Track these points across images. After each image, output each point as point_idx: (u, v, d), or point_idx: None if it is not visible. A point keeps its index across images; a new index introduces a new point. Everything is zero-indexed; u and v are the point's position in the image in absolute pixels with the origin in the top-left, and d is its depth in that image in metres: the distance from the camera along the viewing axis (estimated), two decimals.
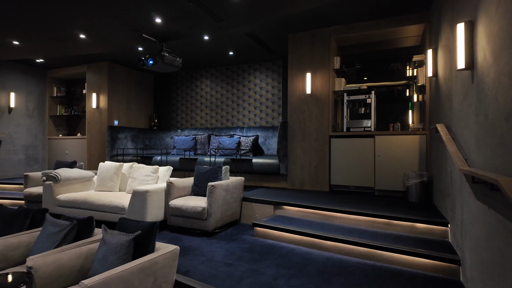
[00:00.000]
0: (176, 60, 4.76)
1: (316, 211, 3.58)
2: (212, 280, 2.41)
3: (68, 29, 4.47)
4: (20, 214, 3.02)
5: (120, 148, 6.54)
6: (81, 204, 4.04)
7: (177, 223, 3.77)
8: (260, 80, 6.58)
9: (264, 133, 6.09)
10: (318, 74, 4.74)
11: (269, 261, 2.80)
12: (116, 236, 2.33)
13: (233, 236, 3.55)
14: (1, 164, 6.59)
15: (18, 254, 2.67)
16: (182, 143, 6.50)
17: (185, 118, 7.54)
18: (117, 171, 4.55)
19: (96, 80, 6.74)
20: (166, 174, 4.40)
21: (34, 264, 2.13)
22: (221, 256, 2.93)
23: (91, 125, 6.78)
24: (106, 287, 1.88)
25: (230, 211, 3.88)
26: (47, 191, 4.32)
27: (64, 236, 2.61)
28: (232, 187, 3.91)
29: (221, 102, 7.05)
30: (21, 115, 6.94)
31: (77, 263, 2.35)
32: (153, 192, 3.74)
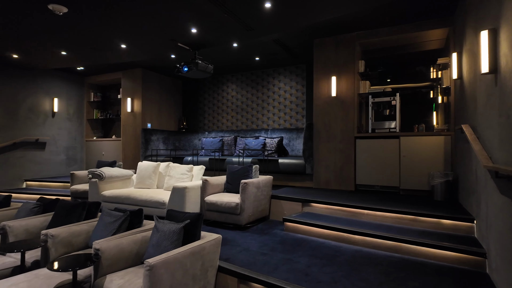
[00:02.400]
0: (208, 67, 5.09)
1: (343, 208, 3.77)
2: (251, 267, 2.66)
3: (110, 40, 4.91)
4: (78, 207, 3.41)
5: (153, 149, 6.98)
6: (125, 199, 4.42)
7: (212, 218, 4.07)
8: (284, 84, 6.83)
9: (288, 135, 6.32)
10: (343, 77, 4.93)
11: (301, 252, 3.03)
12: (167, 225, 2.64)
13: (264, 230, 3.81)
14: (45, 164, 7.19)
15: (80, 240, 3.04)
16: (209, 144, 6.84)
17: (212, 121, 7.89)
18: (155, 170, 4.92)
19: (130, 85, 7.22)
20: (199, 173, 4.72)
21: (101, 246, 2.46)
22: (256, 247, 3.19)
23: (126, 127, 7.26)
24: (166, 266, 2.18)
25: (260, 207, 4.13)
26: (93, 188, 4.74)
27: (119, 225, 2.96)
28: (262, 184, 4.16)
29: (246, 105, 7.35)
30: (62, 119, 7.53)
31: (134, 248, 2.67)
32: (190, 189, 4.07)
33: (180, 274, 2.29)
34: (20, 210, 3.72)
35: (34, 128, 6.95)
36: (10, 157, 6.57)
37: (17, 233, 3.23)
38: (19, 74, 6.68)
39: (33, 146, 6.95)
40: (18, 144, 6.68)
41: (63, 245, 2.89)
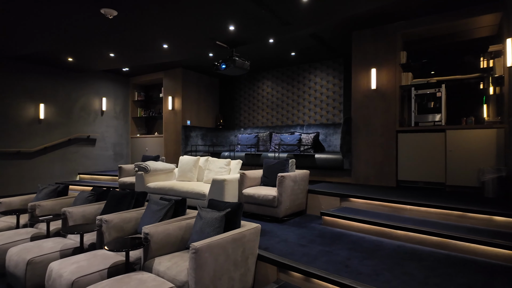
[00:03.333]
0: (245, 64, 5.20)
1: (384, 203, 3.67)
2: (290, 257, 2.70)
3: (153, 40, 5.19)
4: (127, 196, 3.67)
5: (192, 144, 7.27)
6: (168, 191, 4.67)
7: (250, 210, 4.17)
8: (321, 79, 6.75)
9: (325, 130, 6.25)
10: (383, 70, 4.77)
11: (340, 245, 3.01)
12: (209, 213, 2.77)
13: (302, 224, 3.82)
14: (96, 159, 7.79)
15: (130, 226, 3.28)
16: (245, 140, 6.97)
17: (248, 118, 8.02)
18: (195, 163, 5.13)
19: (171, 85, 7.58)
20: (237, 167, 4.84)
21: (150, 231, 2.65)
22: (294, 238, 3.22)
23: (167, 125, 7.63)
24: (210, 249, 2.29)
25: (297, 201, 4.15)
26: (139, 180, 5.06)
27: (165, 213, 3.14)
28: (299, 178, 4.18)
29: (282, 101, 7.37)
30: (110, 117, 8.10)
31: (179, 233, 2.84)
32: (229, 181, 4.20)
33: (223, 259, 2.40)
34: (77, 199, 4.10)
35: (85, 126, 7.56)
36: (66, 152, 7.21)
37: (75, 218, 3.57)
38: (73, 76, 7.30)
39: (85, 142, 7.56)
40: (73, 140, 7.31)
41: (116, 230, 3.14)
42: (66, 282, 2.38)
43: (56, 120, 7.01)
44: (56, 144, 6.98)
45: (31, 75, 6.61)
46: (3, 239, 3.32)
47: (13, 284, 2.91)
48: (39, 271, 2.83)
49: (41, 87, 6.77)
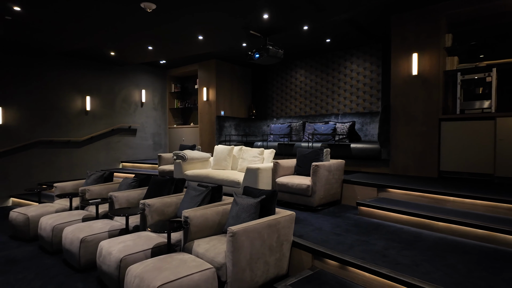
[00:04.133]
0: (279, 52, 5.16)
1: (425, 194, 3.52)
2: (325, 244, 2.70)
3: (189, 32, 5.32)
4: (168, 182, 3.86)
5: (226, 134, 7.42)
6: (204, 178, 4.84)
7: (283, 198, 4.20)
8: (357, 65, 6.52)
9: (361, 119, 6.06)
10: (426, 54, 4.50)
11: (377, 235, 2.95)
12: (245, 199, 2.84)
13: (336, 213, 3.79)
14: (136, 148, 8.23)
15: (171, 210, 3.45)
16: (278, 130, 6.97)
17: (280, 107, 7.99)
18: (229, 153, 5.25)
19: (206, 76, 7.74)
20: (270, 156, 4.88)
21: (189, 215, 2.78)
22: (328, 227, 3.21)
23: (202, 115, 7.84)
24: (246, 233, 2.36)
25: (332, 191, 4.11)
26: (177, 168, 5.29)
27: (203, 198, 3.27)
28: (334, 168, 4.12)
29: (315, 90, 7.24)
30: (149, 108, 8.48)
31: (216, 218, 2.94)
32: (263, 170, 4.25)
33: (259, 243, 2.46)
34: (121, 184, 4.39)
35: (127, 117, 8.00)
36: (110, 142, 7.70)
37: (121, 202, 3.83)
38: (115, 69, 7.72)
39: (126, 132, 8.01)
40: (115, 130, 7.78)
41: (157, 213, 3.33)
42: (115, 259, 2.59)
43: (100, 112, 7.49)
44: (101, 134, 7.48)
45: (78, 69, 7.09)
46: (60, 219, 3.67)
47: (69, 260, 3.22)
48: (90, 248, 3.09)
49: (87, 80, 7.25)
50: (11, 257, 3.49)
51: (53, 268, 3.18)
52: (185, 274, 2.16)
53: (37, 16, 4.44)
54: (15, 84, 6.23)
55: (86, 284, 2.82)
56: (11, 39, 5.43)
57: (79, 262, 3.05)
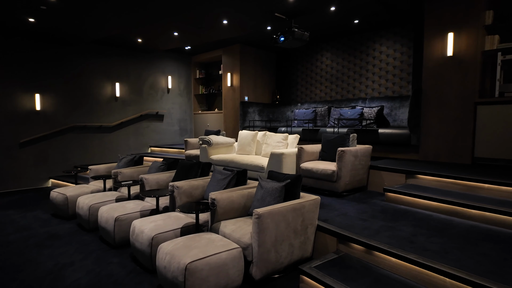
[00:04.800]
0: (304, 35, 5.04)
1: (457, 181, 3.38)
2: (350, 229, 2.69)
3: (213, 17, 5.30)
4: (195, 166, 3.97)
5: (250, 120, 7.45)
6: (229, 163, 4.92)
7: (307, 184, 4.20)
8: (387, 47, 6.24)
9: (390, 104, 5.84)
10: (462, 33, 4.22)
11: (404, 221, 2.89)
12: (270, 183, 2.87)
13: (362, 199, 3.74)
14: (164, 133, 8.48)
15: (198, 192, 3.56)
16: (302, 115, 6.89)
17: (305, 92, 7.86)
18: (254, 138, 5.28)
19: (230, 61, 7.74)
20: (294, 141, 4.86)
21: (216, 197, 2.85)
22: (354, 212, 3.19)
23: (226, 101, 7.89)
24: (271, 216, 2.40)
25: (358, 177, 4.04)
26: (203, 152, 5.41)
27: (228, 182, 3.34)
28: (360, 154, 4.04)
29: (342, 73, 7.04)
30: (175, 95, 8.65)
31: (242, 201, 3.01)
32: (287, 155, 4.25)
33: (283, 226, 2.50)
34: (151, 167, 4.57)
35: (154, 103, 8.22)
36: (139, 127, 7.98)
37: (151, 184, 4.00)
38: (142, 56, 7.90)
39: (154, 118, 8.26)
40: (144, 116, 8.03)
41: (185, 195, 3.45)
42: (147, 237, 2.74)
43: (129, 98, 7.75)
44: (130, 120, 7.76)
45: (108, 57, 7.33)
46: (95, 199, 3.90)
47: (105, 237, 3.44)
48: (124, 226, 3.28)
49: (116, 67, 7.49)
50: (53, 232, 3.78)
51: (91, 244, 3.42)
52: (213, 253, 2.25)
53: (69, 4, 4.60)
54: (51, 72, 6.56)
55: (121, 260, 3.01)
56: (47, 28, 5.69)
57: (114, 239, 3.25)
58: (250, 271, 2.42)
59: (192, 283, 2.10)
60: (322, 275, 2.21)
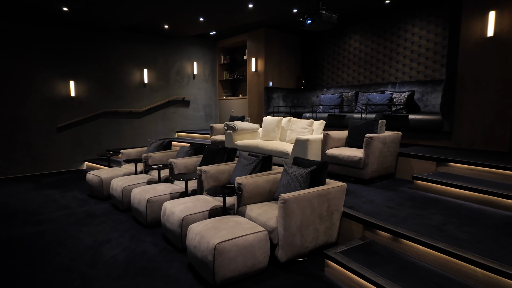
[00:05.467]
0: (332, 17, 4.88)
1: (493, 170, 3.22)
2: (377, 216, 2.68)
3: (239, 0, 5.25)
4: (221, 151, 4.05)
5: (274, 106, 7.42)
6: (254, 148, 4.98)
7: (332, 170, 4.17)
8: (420, 28, 5.91)
9: (422, 88, 5.58)
10: (505, 11, 3.91)
11: (434, 210, 2.82)
12: (296, 169, 2.88)
13: (390, 187, 3.68)
14: (190, 119, 8.67)
15: (224, 177, 3.66)
16: (328, 101, 6.75)
17: (331, 77, 7.68)
18: (278, 124, 5.28)
19: (254, 46, 7.67)
20: (319, 128, 4.81)
21: (242, 181, 2.92)
22: (381, 200, 3.15)
23: (251, 86, 7.89)
24: (297, 201, 2.44)
25: (385, 164, 3.96)
26: (228, 138, 5.50)
27: (254, 167, 3.40)
28: (389, 140, 3.94)
29: (371, 57, 6.78)
30: (200, 81, 8.76)
31: (267, 186, 3.06)
32: (312, 141, 4.23)
33: (309, 211, 2.53)
34: (179, 152, 4.72)
35: (181, 89, 8.38)
36: (166, 113, 8.20)
37: (179, 168, 4.15)
38: (168, 42, 8.02)
39: (181, 104, 8.44)
40: (171, 102, 8.23)
41: (212, 179, 3.56)
42: (177, 218, 2.87)
43: (157, 84, 7.94)
44: (158, 105, 7.98)
45: (136, 43, 7.51)
46: (128, 181, 4.11)
47: (138, 217, 3.65)
48: (155, 208, 3.46)
49: (144, 54, 7.66)
50: (91, 212, 4.05)
51: (125, 223, 3.64)
52: (240, 234, 2.33)
53: None
54: (83, 59, 6.84)
55: (153, 239, 3.19)
56: (79, 16, 5.89)
57: (146, 220, 3.44)
58: (276, 253, 2.49)
59: (220, 262, 2.20)
60: (347, 260, 2.24)
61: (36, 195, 4.85)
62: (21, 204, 4.42)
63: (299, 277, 2.39)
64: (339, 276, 2.30)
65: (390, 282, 1.95)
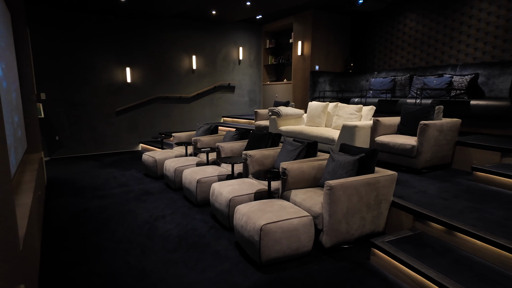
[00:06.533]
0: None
1: None
2: (429, 207, 2.55)
3: None
4: (265, 136, 4.11)
5: (320, 90, 7.25)
6: (298, 134, 4.96)
7: (382, 158, 4.01)
8: (489, 3, 5.27)
9: (487, 71, 5.03)
10: None
11: (495, 204, 2.61)
12: (342, 156, 2.84)
13: (445, 177, 3.45)
14: (235, 104, 8.84)
15: (268, 161, 3.72)
16: (379, 85, 6.41)
17: (383, 59, 7.24)
18: (324, 109, 5.17)
19: (301, 29, 7.49)
20: (368, 114, 4.62)
21: (287, 167, 2.95)
22: (434, 191, 2.98)
23: (296, 71, 7.76)
24: (343, 188, 2.41)
25: (441, 153, 3.71)
26: (272, 123, 5.54)
27: (298, 153, 3.40)
28: (446, 128, 3.66)
29: (429, 37, 6.24)
30: (245, 66, 8.83)
31: (312, 172, 3.06)
32: (360, 128, 4.09)
33: (356, 199, 2.50)
34: (225, 136, 4.88)
35: (226, 74, 8.54)
36: (213, 98, 8.46)
37: (226, 151, 4.30)
38: (215, 28, 8.17)
39: (226, 89, 8.63)
40: (217, 87, 8.45)
41: (257, 163, 3.65)
42: (225, 198, 3.02)
43: (204, 70, 8.19)
44: (205, 91, 8.25)
45: (185, 30, 7.77)
46: (179, 163, 4.38)
47: (188, 196, 3.89)
48: (204, 188, 3.66)
49: (193, 40, 7.91)
50: (147, 189, 4.42)
51: (177, 201, 3.92)
52: (285, 218, 2.39)
53: None
54: (138, 47, 7.27)
55: (203, 217, 3.40)
56: (134, 5, 6.24)
57: (196, 199, 3.66)
58: (320, 238, 2.52)
59: (266, 242, 2.29)
60: (395, 250, 2.19)
61: (100, 173, 5.39)
62: (88, 180, 4.96)
63: (343, 263, 2.40)
64: (385, 265, 2.27)
65: (442, 275, 1.88)
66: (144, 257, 2.59)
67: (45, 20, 6.24)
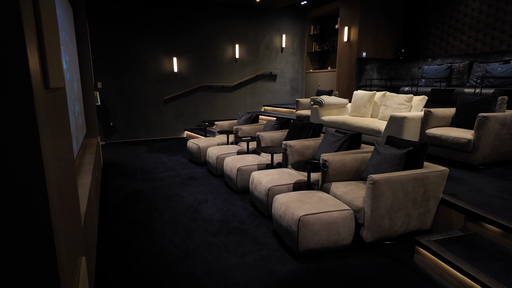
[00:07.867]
0: None
1: None
2: (485, 208, 2.35)
3: None
4: (306, 126, 4.06)
5: (367, 79, 6.91)
6: (341, 125, 4.82)
7: (433, 152, 3.75)
8: None
9: None
10: None
11: None
12: (388, 149, 2.71)
13: (505, 176, 3.14)
14: (276, 93, 8.80)
15: (309, 152, 3.68)
16: (433, 73, 5.93)
17: (439, 45, 6.65)
18: (370, 99, 4.93)
19: (348, 13, 7.14)
20: (419, 104, 4.32)
21: (328, 158, 2.90)
22: (491, 190, 2.73)
23: (341, 58, 7.46)
24: (388, 184, 2.31)
25: (502, 149, 3.36)
26: (314, 113, 5.43)
27: (340, 144, 3.31)
28: (509, 121, 3.30)
29: (495, 18, 5.58)
30: (288, 53, 8.69)
31: (354, 165, 2.97)
32: (410, 119, 3.85)
33: (401, 195, 2.38)
34: (266, 126, 4.90)
35: (268, 63, 8.50)
36: (254, 87, 8.50)
37: (266, 141, 4.34)
38: (259, 16, 8.11)
39: (268, 78, 8.60)
40: (259, 76, 8.46)
41: (297, 154, 3.63)
42: (264, 187, 3.07)
43: (247, 59, 8.23)
44: (247, 80, 8.31)
45: (229, 19, 7.83)
46: (221, 151, 4.52)
47: (229, 183, 4.02)
48: (245, 176, 3.74)
49: (236, 29, 7.96)
50: (191, 175, 4.64)
51: (219, 187, 4.07)
52: (324, 210, 2.37)
53: None
54: (184, 37, 7.51)
55: (242, 203, 3.50)
56: None
57: (237, 186, 3.77)
58: (361, 233, 2.46)
59: (304, 233, 2.30)
60: (442, 250, 2.07)
61: (149, 157, 5.77)
62: (138, 163, 5.34)
63: (384, 260, 2.33)
64: (430, 265, 2.15)
65: (495, 280, 1.74)
66: (188, 238, 2.75)
67: (99, 13, 6.69)
